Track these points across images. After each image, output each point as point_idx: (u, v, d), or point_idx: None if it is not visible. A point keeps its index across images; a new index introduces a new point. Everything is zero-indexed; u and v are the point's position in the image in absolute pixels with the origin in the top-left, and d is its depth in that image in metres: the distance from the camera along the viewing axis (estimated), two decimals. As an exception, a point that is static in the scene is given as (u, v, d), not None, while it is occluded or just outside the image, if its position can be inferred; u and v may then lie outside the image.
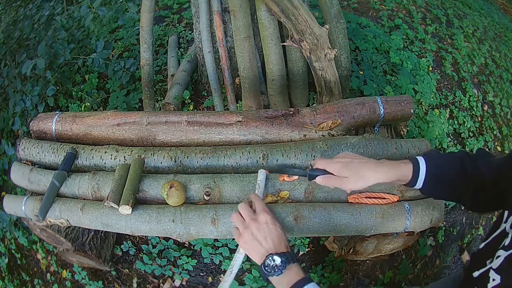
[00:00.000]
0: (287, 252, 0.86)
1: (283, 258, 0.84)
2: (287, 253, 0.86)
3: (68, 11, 2.33)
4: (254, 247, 0.89)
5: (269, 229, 0.90)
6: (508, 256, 0.66)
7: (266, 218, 0.91)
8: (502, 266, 0.67)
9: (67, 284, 1.74)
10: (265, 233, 0.89)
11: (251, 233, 0.90)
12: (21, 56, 2.06)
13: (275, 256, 0.84)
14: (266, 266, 0.84)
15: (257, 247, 0.88)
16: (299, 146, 1.25)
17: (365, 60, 2.25)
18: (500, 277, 0.66)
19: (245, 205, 0.97)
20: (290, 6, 1.46)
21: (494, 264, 0.69)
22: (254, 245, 0.89)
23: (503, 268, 0.66)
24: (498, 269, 0.67)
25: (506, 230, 0.71)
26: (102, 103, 2.22)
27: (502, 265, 0.67)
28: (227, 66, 1.80)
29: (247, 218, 0.93)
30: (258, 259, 0.87)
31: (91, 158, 1.28)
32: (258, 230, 0.89)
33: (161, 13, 2.86)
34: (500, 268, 0.67)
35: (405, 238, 1.26)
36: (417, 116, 2.10)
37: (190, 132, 1.35)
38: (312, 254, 1.67)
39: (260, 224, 0.90)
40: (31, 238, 1.91)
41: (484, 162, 0.84)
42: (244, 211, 0.95)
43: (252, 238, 0.89)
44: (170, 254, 1.67)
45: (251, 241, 0.89)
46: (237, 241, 0.94)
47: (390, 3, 2.95)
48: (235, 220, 0.95)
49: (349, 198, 1.13)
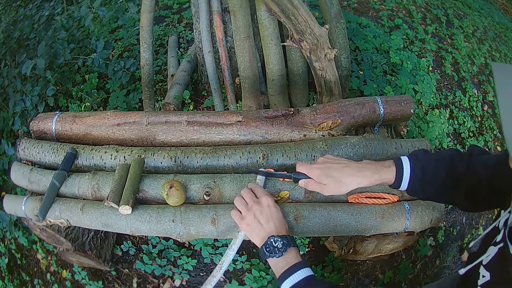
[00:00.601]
0: (287, 235, 0.89)
1: (284, 240, 0.86)
2: (288, 236, 0.88)
3: (68, 11, 2.33)
4: (256, 229, 0.91)
5: (271, 212, 0.92)
6: (498, 251, 0.65)
7: (268, 201, 0.93)
8: (492, 262, 0.65)
9: (67, 284, 1.74)
10: (267, 215, 0.91)
11: (253, 215, 0.92)
12: (21, 56, 2.06)
13: (277, 238, 0.86)
14: (267, 247, 0.86)
15: (259, 229, 0.90)
16: (299, 146, 1.25)
17: (365, 60, 2.25)
18: (490, 274, 0.65)
19: (248, 190, 1.00)
20: (290, 6, 1.46)
21: (484, 260, 0.68)
22: (256, 227, 0.91)
23: (493, 264, 0.65)
24: (488, 265, 0.66)
25: (499, 227, 0.70)
26: (102, 103, 2.22)
27: (492, 261, 0.65)
28: (227, 66, 1.80)
29: (249, 201, 0.95)
30: (259, 240, 0.90)
31: (91, 158, 1.28)
32: (260, 212, 0.92)
33: (161, 13, 2.86)
34: (490, 264, 0.66)
35: (405, 238, 1.26)
36: (417, 116, 2.10)
37: (190, 132, 1.35)
38: (312, 254, 1.67)
39: (262, 207, 0.92)
40: (31, 238, 1.91)
41: (479, 160, 0.81)
42: (246, 195, 0.97)
43: (254, 220, 0.91)
44: (170, 254, 1.67)
45: (254, 223, 0.91)
46: (238, 223, 0.96)
47: (390, 3, 2.95)
48: (238, 203, 0.97)
49: (349, 198, 1.13)
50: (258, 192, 0.98)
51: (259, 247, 0.90)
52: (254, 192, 0.99)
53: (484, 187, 0.79)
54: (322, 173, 0.90)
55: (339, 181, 0.88)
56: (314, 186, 0.93)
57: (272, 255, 0.85)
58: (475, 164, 0.81)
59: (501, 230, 0.68)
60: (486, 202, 0.83)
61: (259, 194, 0.97)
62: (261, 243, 0.89)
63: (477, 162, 0.81)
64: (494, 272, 0.65)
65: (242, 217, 0.95)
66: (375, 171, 0.88)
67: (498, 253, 0.65)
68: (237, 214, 0.97)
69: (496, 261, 0.65)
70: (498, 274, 0.64)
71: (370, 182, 0.87)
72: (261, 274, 1.57)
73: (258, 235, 0.90)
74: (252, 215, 0.92)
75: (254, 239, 0.92)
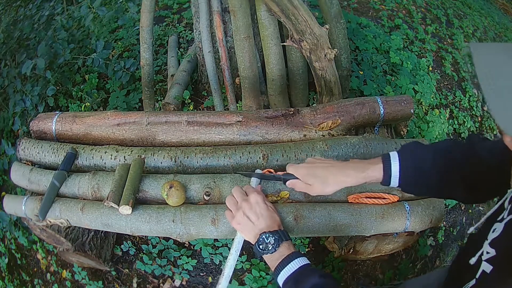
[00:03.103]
0: (279, 230, 0.89)
1: (276, 236, 0.87)
2: (279, 231, 0.88)
3: (68, 11, 2.33)
4: (247, 226, 0.91)
5: (260, 208, 0.92)
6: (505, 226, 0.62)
7: (256, 198, 0.93)
8: (498, 238, 0.62)
9: (67, 284, 1.74)
10: (256, 212, 0.91)
11: (243, 213, 0.92)
12: (21, 56, 2.06)
13: (268, 234, 0.87)
14: (260, 244, 0.87)
15: (250, 226, 0.90)
16: (299, 146, 1.25)
17: (365, 60, 2.25)
18: (494, 250, 0.62)
19: (238, 187, 0.99)
20: (290, 6, 1.46)
21: (489, 237, 0.64)
22: (247, 225, 0.91)
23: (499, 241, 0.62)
24: (493, 242, 0.63)
25: (504, 206, 0.66)
26: (102, 103, 2.22)
27: (498, 237, 0.62)
28: (227, 66, 1.80)
29: (239, 200, 0.95)
30: (252, 238, 0.90)
31: (91, 158, 1.28)
32: (250, 210, 0.92)
33: (161, 13, 2.85)
34: (496, 240, 0.63)
35: (405, 238, 1.26)
36: (417, 116, 2.10)
37: (190, 132, 1.35)
38: (312, 254, 1.67)
39: (251, 204, 0.92)
40: (31, 238, 1.91)
41: (482, 147, 0.79)
42: (236, 194, 0.97)
43: (244, 218, 0.91)
44: (170, 254, 1.67)
45: (244, 221, 0.91)
46: (230, 222, 0.96)
47: (390, 3, 2.95)
48: (228, 202, 0.97)
49: (349, 198, 1.13)
50: (248, 190, 0.98)
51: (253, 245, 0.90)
52: (245, 191, 0.99)
53: (493, 173, 0.75)
54: (308, 173, 0.91)
55: (323, 182, 0.88)
56: (301, 186, 0.93)
57: (265, 252, 0.86)
58: (480, 152, 0.78)
59: (506, 208, 0.65)
60: (491, 190, 0.79)
61: (248, 191, 0.97)
62: (254, 240, 0.89)
63: (481, 149, 0.79)
64: (500, 248, 0.61)
65: (233, 215, 0.95)
66: (360, 169, 0.86)
67: (505, 227, 0.62)
68: (229, 213, 0.97)
69: (502, 237, 0.62)
70: (505, 249, 0.60)
71: (356, 181, 0.86)
72: (261, 274, 1.57)
73: (250, 233, 0.90)
74: (241, 213, 0.92)
75: (247, 237, 0.92)
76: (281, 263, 0.83)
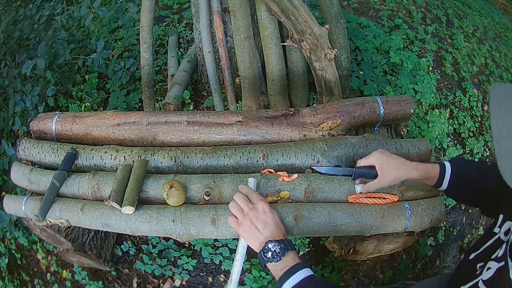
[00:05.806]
0: (285, 239, 0.89)
1: (282, 245, 0.87)
2: (285, 240, 0.89)
3: (68, 11, 2.33)
4: (253, 235, 0.91)
5: (267, 217, 0.92)
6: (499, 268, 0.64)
7: (264, 207, 0.94)
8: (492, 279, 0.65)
9: (67, 284, 1.74)
10: (263, 221, 0.92)
11: (250, 221, 0.92)
12: (21, 56, 2.06)
13: (274, 243, 0.87)
14: (265, 253, 0.87)
15: (256, 235, 0.91)
16: (299, 146, 1.25)
17: (365, 60, 2.25)
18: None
19: (241, 194, 0.99)
20: (290, 6, 1.46)
21: (484, 275, 0.66)
22: (253, 233, 0.91)
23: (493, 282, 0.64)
24: (487, 281, 0.65)
25: (501, 239, 0.70)
26: (102, 103, 2.22)
27: (492, 278, 0.65)
28: (227, 66, 1.80)
29: (245, 208, 0.95)
30: (257, 246, 0.90)
31: (91, 158, 1.28)
32: (257, 218, 0.92)
33: (161, 13, 2.86)
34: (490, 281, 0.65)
35: (405, 238, 1.26)
36: (417, 116, 2.10)
37: (190, 132, 1.35)
38: (312, 254, 1.67)
39: (258, 213, 0.93)
40: (31, 238, 1.91)
41: None
42: (241, 201, 0.97)
43: (251, 226, 0.92)
44: (170, 254, 1.67)
45: (251, 229, 0.92)
46: (236, 229, 0.96)
47: (390, 3, 2.95)
48: (233, 209, 0.97)
49: (349, 198, 1.13)
50: (253, 197, 0.98)
51: (257, 252, 0.90)
52: (249, 197, 0.99)
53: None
54: (383, 157, 0.99)
55: (398, 168, 0.97)
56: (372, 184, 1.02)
57: (270, 260, 0.86)
58: None
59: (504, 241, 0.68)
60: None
61: (254, 199, 0.97)
62: (259, 249, 0.89)
63: None
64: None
65: (239, 223, 0.94)
66: (422, 165, 0.97)
67: (498, 272, 0.64)
68: (233, 220, 0.96)
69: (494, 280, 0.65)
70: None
71: (420, 175, 0.96)
72: (261, 274, 1.57)
73: (256, 241, 0.91)
74: (248, 221, 0.92)
75: (252, 245, 0.92)
76: (286, 273, 0.83)
